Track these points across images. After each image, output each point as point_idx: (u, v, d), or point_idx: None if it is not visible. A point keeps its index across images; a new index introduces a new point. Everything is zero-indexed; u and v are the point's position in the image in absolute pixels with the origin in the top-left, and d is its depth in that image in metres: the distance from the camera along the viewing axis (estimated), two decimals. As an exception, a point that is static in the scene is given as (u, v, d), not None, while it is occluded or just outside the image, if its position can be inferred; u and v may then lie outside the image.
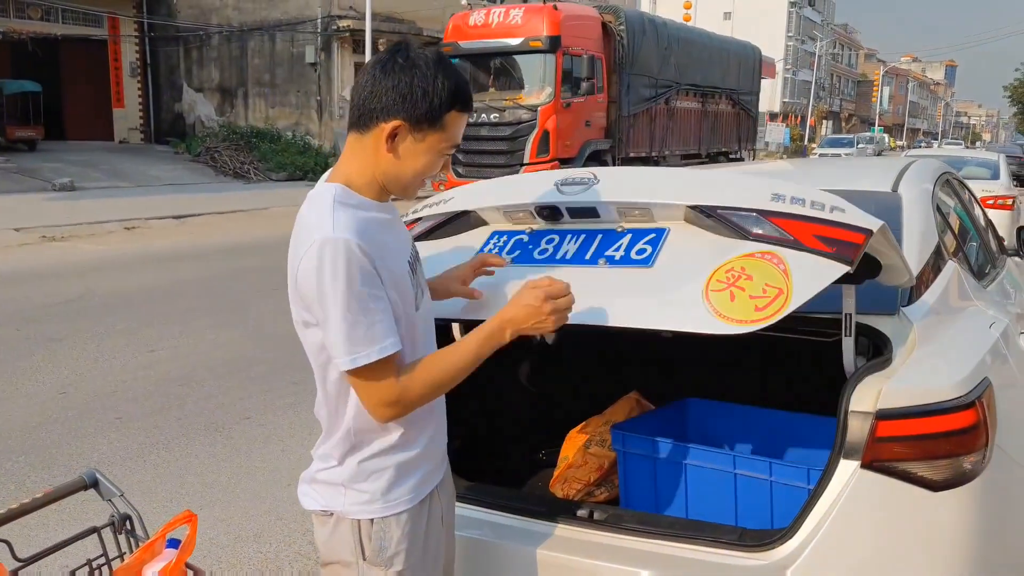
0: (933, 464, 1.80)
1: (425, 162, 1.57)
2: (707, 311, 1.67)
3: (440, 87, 1.52)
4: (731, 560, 1.91)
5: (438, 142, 1.56)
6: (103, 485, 1.71)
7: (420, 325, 1.65)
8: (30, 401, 5.20)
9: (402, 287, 1.57)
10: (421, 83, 1.51)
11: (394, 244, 1.60)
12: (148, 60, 25.34)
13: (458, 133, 1.57)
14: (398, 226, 1.68)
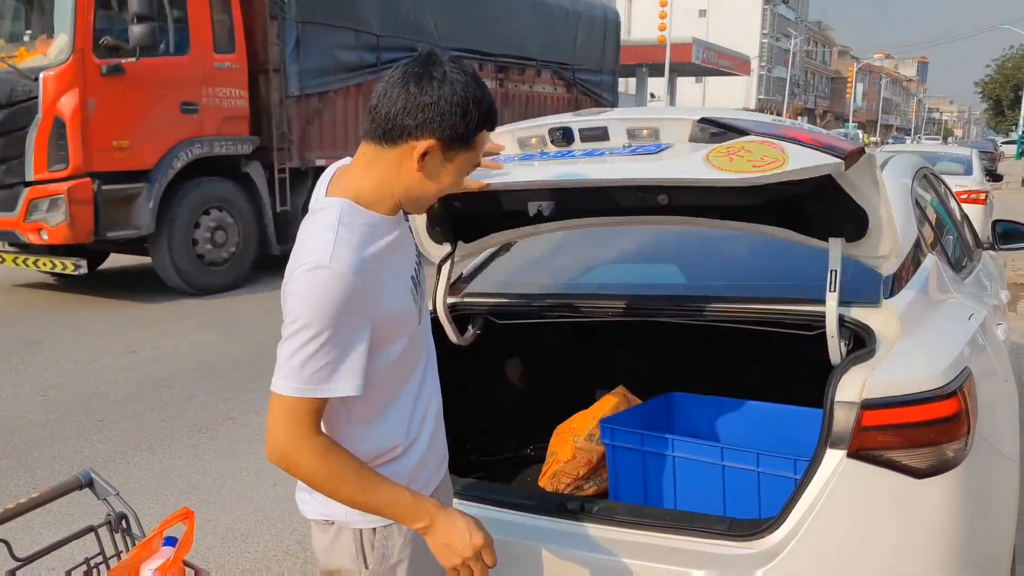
0: (917, 452, 1.84)
1: (451, 182, 1.53)
2: (705, 166, 1.74)
3: (474, 107, 1.46)
4: (720, 550, 1.95)
5: (467, 162, 1.52)
6: (98, 484, 1.71)
7: (424, 339, 1.66)
8: (10, 404, 5.15)
9: (403, 312, 1.54)
10: (460, 103, 1.44)
11: (398, 264, 1.56)
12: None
13: (482, 149, 1.56)
14: (404, 238, 1.62)
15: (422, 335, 1.64)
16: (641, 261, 3.03)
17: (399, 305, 1.54)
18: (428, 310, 1.73)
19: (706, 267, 2.83)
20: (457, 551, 1.49)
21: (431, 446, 1.68)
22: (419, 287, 1.64)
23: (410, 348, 1.58)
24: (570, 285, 2.86)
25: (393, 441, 1.60)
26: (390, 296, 1.51)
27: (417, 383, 1.64)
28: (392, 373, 1.56)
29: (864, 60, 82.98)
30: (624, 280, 2.91)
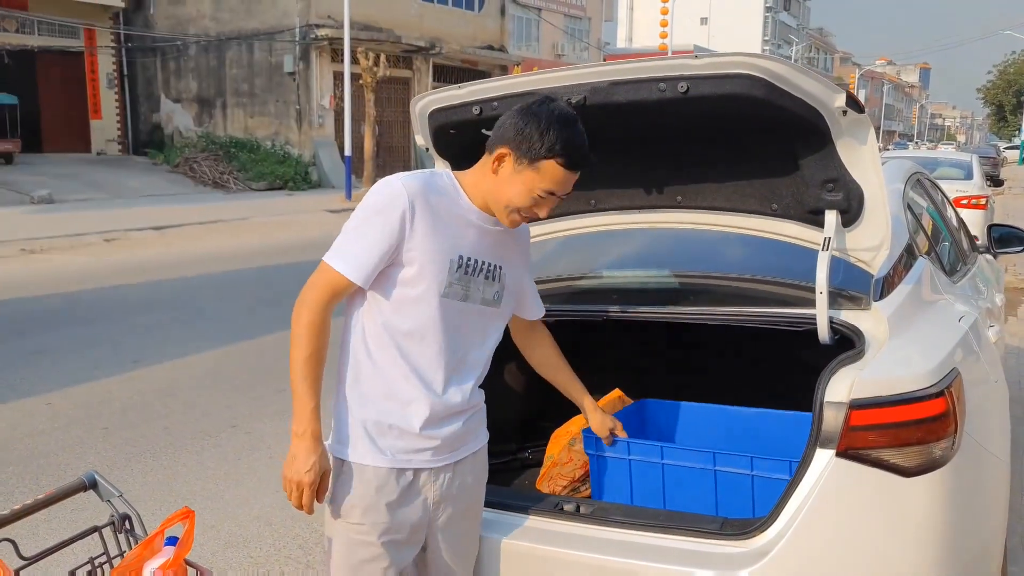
0: (905, 451, 1.88)
1: (516, 192, 1.79)
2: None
3: (547, 137, 1.75)
4: (713, 548, 1.98)
5: (531, 181, 1.78)
6: (102, 486, 1.75)
7: (443, 312, 1.83)
8: (16, 413, 5.19)
9: (435, 264, 1.79)
10: (536, 128, 1.75)
11: (455, 233, 1.83)
12: (125, 71, 25.23)
13: (554, 182, 1.78)
14: (481, 232, 1.88)
15: (439, 309, 1.83)
16: (638, 264, 3.07)
17: (436, 254, 1.79)
18: (474, 306, 1.90)
19: (702, 270, 2.86)
20: (291, 470, 1.81)
21: (412, 426, 1.85)
22: (468, 274, 1.85)
23: (419, 307, 1.81)
24: (567, 288, 2.90)
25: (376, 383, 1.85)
26: (423, 238, 1.78)
27: (420, 354, 1.84)
28: (398, 319, 1.82)
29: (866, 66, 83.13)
30: (621, 283, 2.95)
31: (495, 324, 2.00)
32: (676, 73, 1.99)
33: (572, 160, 1.77)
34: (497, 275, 1.93)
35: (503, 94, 2.20)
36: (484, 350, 1.98)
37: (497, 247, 1.93)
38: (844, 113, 2.01)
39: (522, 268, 2.06)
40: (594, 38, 40.36)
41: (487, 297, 1.92)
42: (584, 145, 1.80)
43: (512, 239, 1.98)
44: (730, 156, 2.32)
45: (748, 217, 2.37)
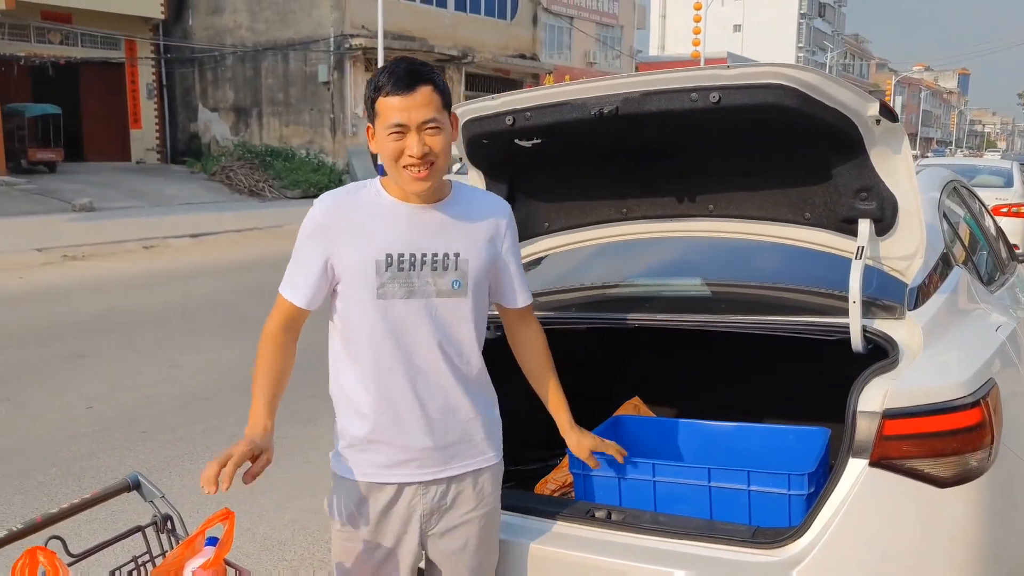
0: (940, 461, 1.87)
1: (386, 147, 1.79)
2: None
3: (370, 87, 1.79)
4: (745, 557, 1.98)
5: (381, 126, 1.79)
6: (145, 487, 1.80)
7: (385, 314, 1.83)
8: (58, 416, 5.32)
9: (361, 269, 1.81)
10: (367, 90, 1.82)
11: (378, 231, 1.82)
12: (164, 82, 25.71)
13: (393, 111, 1.76)
14: (414, 222, 1.85)
15: (376, 311, 1.82)
16: (669, 273, 3.07)
17: (361, 259, 1.81)
18: (427, 300, 1.86)
19: (733, 279, 2.86)
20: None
21: (387, 431, 1.86)
22: (406, 271, 1.82)
23: (360, 314, 1.84)
24: (599, 296, 2.92)
25: (345, 397, 1.90)
26: (360, 242, 1.82)
27: (373, 361, 1.85)
28: (345, 330, 1.88)
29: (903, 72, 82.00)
30: (652, 291, 2.95)
31: (470, 315, 1.91)
32: (708, 83, 2.00)
33: (391, 85, 1.75)
34: (450, 263, 1.86)
35: (536, 104, 2.23)
36: (468, 348, 1.91)
37: (446, 234, 1.87)
38: (878, 122, 2.01)
39: (492, 252, 1.94)
40: (626, 46, 40.32)
41: (443, 288, 1.86)
42: (400, 70, 1.77)
43: (470, 223, 1.90)
44: (762, 165, 2.32)
45: (780, 226, 2.37)
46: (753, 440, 2.52)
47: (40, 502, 4.00)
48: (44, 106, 21.00)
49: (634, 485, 2.33)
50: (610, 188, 2.55)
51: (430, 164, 1.78)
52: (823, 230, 2.31)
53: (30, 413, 5.37)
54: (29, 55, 21.41)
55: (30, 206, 16.92)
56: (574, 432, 2.21)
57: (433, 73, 1.81)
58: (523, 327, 2.14)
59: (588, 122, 2.18)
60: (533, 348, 2.15)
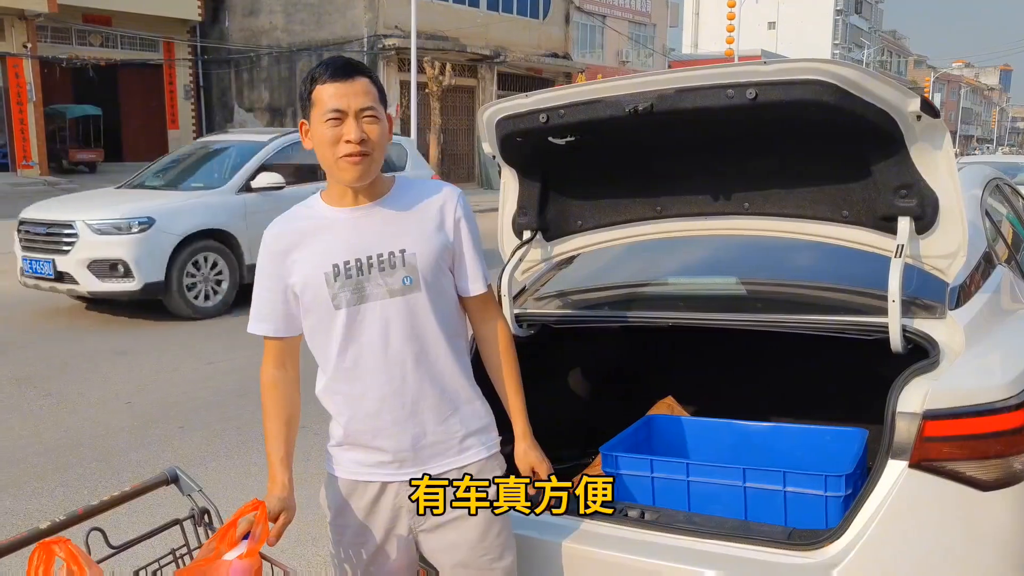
0: (982, 464, 1.83)
1: (322, 136, 1.77)
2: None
3: (306, 81, 1.81)
4: (781, 559, 1.96)
5: (317, 116, 1.78)
6: (183, 481, 1.83)
7: (345, 322, 1.83)
8: (98, 410, 5.43)
9: (313, 284, 1.83)
10: (301, 87, 1.83)
11: (321, 244, 1.83)
12: (201, 82, 26.11)
13: (329, 98, 1.75)
14: (355, 227, 1.84)
15: (340, 320, 1.83)
16: (703, 271, 3.05)
17: (312, 274, 1.83)
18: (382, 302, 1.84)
19: (768, 277, 2.83)
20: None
21: (361, 439, 1.89)
22: (355, 277, 1.82)
23: (323, 326, 1.85)
24: (632, 294, 2.90)
25: (333, 402, 1.92)
26: (310, 259, 1.83)
27: (339, 369, 1.86)
28: (315, 343, 1.90)
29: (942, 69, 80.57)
30: (687, 290, 2.93)
31: (430, 309, 1.85)
32: (745, 80, 1.98)
33: (328, 74, 1.76)
34: (396, 261, 1.82)
35: (569, 102, 2.22)
36: (433, 342, 1.86)
37: (390, 232, 1.83)
38: (918, 118, 1.97)
39: (443, 240, 1.87)
40: (659, 44, 40.07)
41: (394, 287, 1.82)
42: (337, 61, 1.79)
43: (414, 215, 1.86)
44: (799, 162, 2.29)
45: (818, 224, 2.34)
46: (789, 441, 2.49)
47: (81, 495, 4.08)
48: (85, 107, 21.45)
49: (667, 485, 2.32)
50: (644, 186, 2.53)
51: (366, 154, 1.77)
52: (861, 228, 2.28)
53: (71, 408, 5.48)
54: (71, 57, 21.86)
55: (71, 205, 17.24)
56: (524, 441, 2.01)
57: (369, 69, 1.85)
58: (482, 319, 2.00)
59: (622, 119, 2.16)
60: (491, 343, 2.00)
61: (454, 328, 1.93)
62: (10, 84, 19.86)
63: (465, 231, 1.92)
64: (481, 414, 1.97)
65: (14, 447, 4.77)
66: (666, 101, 2.09)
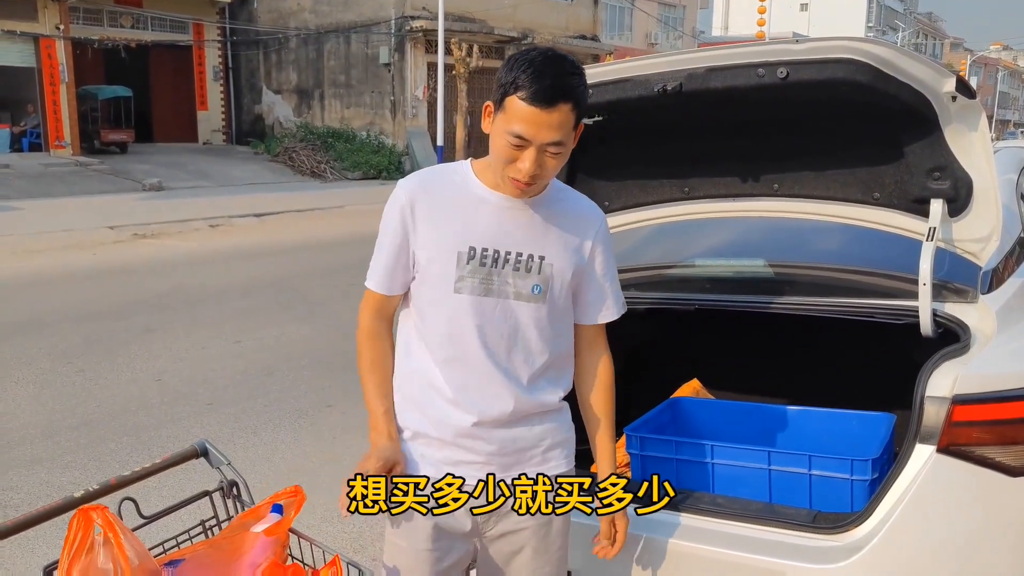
0: (1011, 449, 1.81)
1: (498, 144, 1.62)
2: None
3: (511, 74, 1.58)
4: (806, 541, 1.95)
5: (502, 124, 1.61)
6: (213, 454, 1.86)
7: (461, 310, 1.70)
8: (129, 387, 5.52)
9: (441, 259, 1.70)
10: (506, 71, 1.61)
11: (463, 220, 1.70)
12: (230, 64, 26.23)
13: (519, 120, 1.57)
14: (503, 216, 1.70)
15: (451, 307, 1.71)
16: (731, 253, 3.03)
17: (442, 248, 1.70)
18: (504, 301, 1.71)
19: (797, 260, 2.80)
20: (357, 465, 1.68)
21: (446, 435, 1.74)
22: (487, 266, 1.69)
23: (435, 306, 1.73)
24: (659, 276, 2.89)
25: (417, 387, 1.79)
26: (425, 232, 1.71)
27: (443, 358, 1.74)
28: (418, 318, 1.78)
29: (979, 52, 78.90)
30: (714, 272, 2.91)
31: (548, 323, 1.76)
32: (776, 58, 1.96)
33: (530, 92, 1.55)
34: (533, 266, 1.71)
35: (599, 81, 2.21)
36: (536, 352, 1.76)
37: (534, 234, 1.72)
38: (954, 99, 1.94)
39: (578, 260, 1.78)
40: (688, 26, 39.61)
41: (521, 291, 1.72)
42: (547, 77, 1.55)
43: (561, 225, 1.75)
44: (830, 143, 2.26)
45: (848, 206, 2.32)
46: (815, 425, 2.47)
47: (112, 468, 4.16)
48: (116, 88, 21.65)
49: (692, 467, 2.32)
50: (672, 166, 2.52)
51: (534, 182, 1.64)
52: (893, 210, 2.25)
53: (103, 384, 5.58)
54: (102, 38, 22.06)
55: (103, 185, 17.50)
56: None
57: (578, 85, 1.61)
58: (591, 348, 1.89)
59: (651, 99, 2.15)
60: (592, 374, 1.89)
61: (562, 340, 1.81)
62: (43, 65, 20.10)
63: (601, 258, 1.82)
64: (568, 425, 1.88)
65: (49, 421, 4.87)
66: (695, 80, 2.07)
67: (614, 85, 2.19)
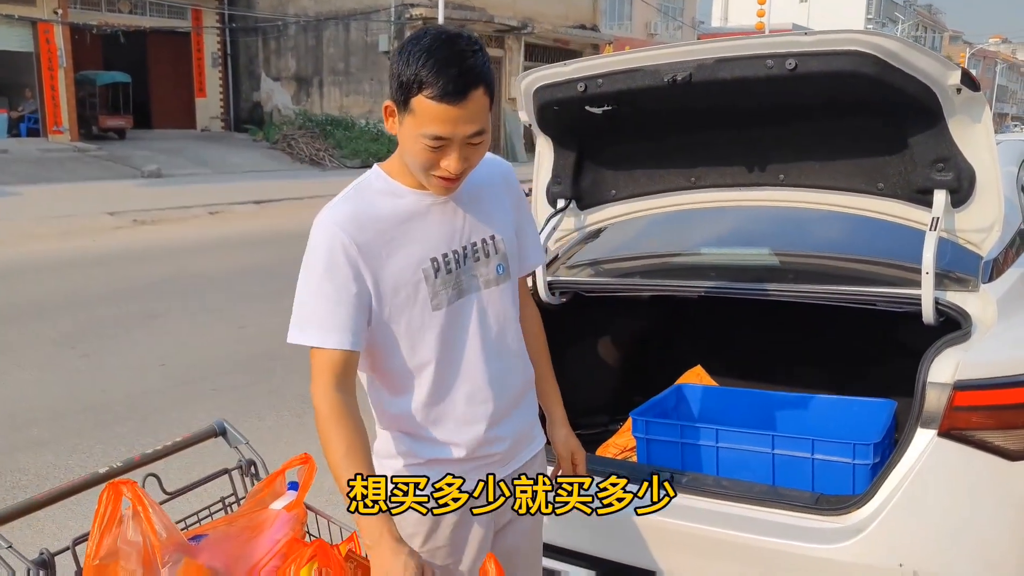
0: (1010, 433, 1.86)
1: (414, 149, 1.48)
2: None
3: (410, 69, 1.42)
4: (808, 523, 2.00)
5: (412, 127, 1.46)
6: (231, 434, 1.91)
7: (444, 325, 1.59)
8: (133, 372, 5.56)
9: (408, 284, 1.55)
10: (401, 64, 1.44)
11: (414, 236, 1.56)
12: (229, 51, 26.14)
13: (433, 121, 1.43)
14: (445, 214, 1.61)
15: (434, 325, 1.58)
16: (736, 242, 3.07)
17: (401, 272, 1.54)
18: (478, 295, 1.65)
19: (802, 249, 2.84)
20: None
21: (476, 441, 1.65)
22: (453, 272, 1.59)
23: (412, 332, 1.57)
24: (664, 264, 2.93)
25: (433, 423, 1.63)
26: (397, 257, 1.54)
27: (439, 378, 1.61)
28: (394, 353, 1.59)
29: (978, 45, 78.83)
30: (719, 260, 2.96)
31: (510, 297, 1.71)
32: (785, 50, 2.00)
33: (438, 89, 1.40)
34: (490, 248, 1.65)
35: (608, 71, 2.24)
36: (515, 325, 1.73)
37: (474, 219, 1.63)
38: (958, 91, 1.98)
39: (514, 220, 1.72)
40: (688, 17, 39.49)
41: (488, 278, 1.65)
42: (451, 65, 1.40)
43: (489, 193, 1.67)
44: (835, 134, 2.30)
45: (853, 196, 2.36)
46: (818, 411, 2.52)
47: (119, 452, 4.20)
48: (114, 74, 21.58)
49: (696, 450, 2.36)
50: (679, 156, 2.55)
51: (462, 175, 1.53)
52: (896, 201, 2.29)
53: (107, 368, 5.62)
54: (101, 23, 21.97)
55: (101, 172, 17.47)
56: (564, 428, 1.89)
57: (484, 64, 1.46)
58: (526, 303, 1.83)
59: (660, 89, 2.19)
60: (530, 327, 1.84)
61: (517, 310, 1.76)
62: (41, 50, 20.02)
63: (524, 203, 1.78)
64: (535, 399, 1.85)
65: (54, 405, 4.91)
66: (705, 71, 2.10)
67: (624, 75, 2.22)
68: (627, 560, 2.15)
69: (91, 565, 1.43)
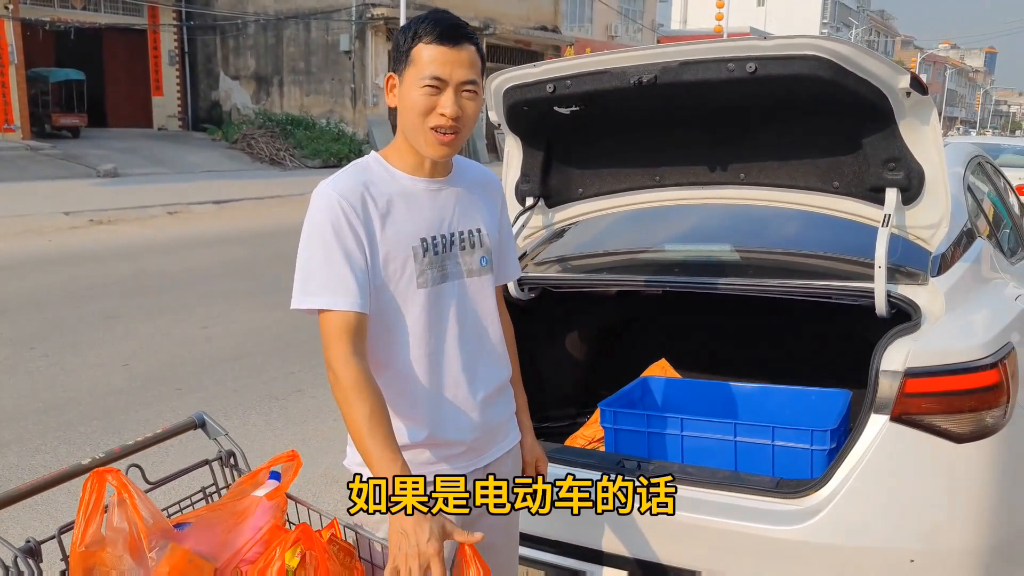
0: (957, 418, 1.97)
1: (413, 98, 1.60)
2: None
3: (407, 33, 1.62)
4: (768, 506, 2.09)
5: (414, 76, 1.60)
6: (210, 425, 1.94)
7: (427, 305, 1.67)
8: (96, 372, 5.50)
9: (398, 258, 1.63)
10: (399, 37, 1.65)
11: (407, 215, 1.66)
12: (186, 49, 25.79)
13: (432, 62, 1.59)
14: (436, 201, 1.71)
15: (419, 303, 1.66)
16: (698, 238, 3.16)
17: (396, 245, 1.63)
18: (461, 282, 1.73)
19: (761, 245, 2.94)
20: (405, 546, 1.38)
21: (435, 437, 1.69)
22: (441, 254, 1.69)
23: (396, 308, 1.65)
24: (628, 260, 3.01)
25: (398, 396, 1.66)
26: (392, 229, 1.63)
27: (416, 358, 1.66)
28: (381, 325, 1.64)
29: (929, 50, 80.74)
30: (681, 256, 3.05)
31: (491, 292, 1.81)
32: (745, 54, 2.09)
33: (436, 34, 1.58)
34: (476, 240, 1.76)
35: (577, 72, 2.32)
36: (488, 325, 1.80)
37: (464, 210, 1.75)
38: (908, 94, 2.09)
39: (499, 224, 1.86)
40: (648, 19, 39.90)
41: (472, 268, 1.75)
42: (446, 21, 1.61)
43: (480, 194, 1.80)
44: (793, 135, 2.40)
45: (810, 194, 2.46)
46: (777, 401, 2.62)
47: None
48: (68, 71, 21.16)
49: (662, 439, 2.45)
50: (644, 155, 2.64)
51: (457, 131, 1.63)
52: (851, 199, 2.40)
53: (68, 369, 5.55)
54: (53, 20, 21.53)
55: (55, 171, 17.13)
56: (531, 435, 1.96)
57: (475, 36, 1.66)
58: (501, 309, 1.90)
59: (626, 90, 2.26)
60: (510, 333, 1.94)
61: (497, 310, 1.86)
62: (-9, 46, 19.58)
63: (507, 217, 1.94)
64: (512, 398, 1.92)
65: (15, 406, 4.84)
66: (669, 73, 2.19)
67: (592, 76, 2.30)
68: (594, 545, 2.22)
69: (77, 552, 1.46)
